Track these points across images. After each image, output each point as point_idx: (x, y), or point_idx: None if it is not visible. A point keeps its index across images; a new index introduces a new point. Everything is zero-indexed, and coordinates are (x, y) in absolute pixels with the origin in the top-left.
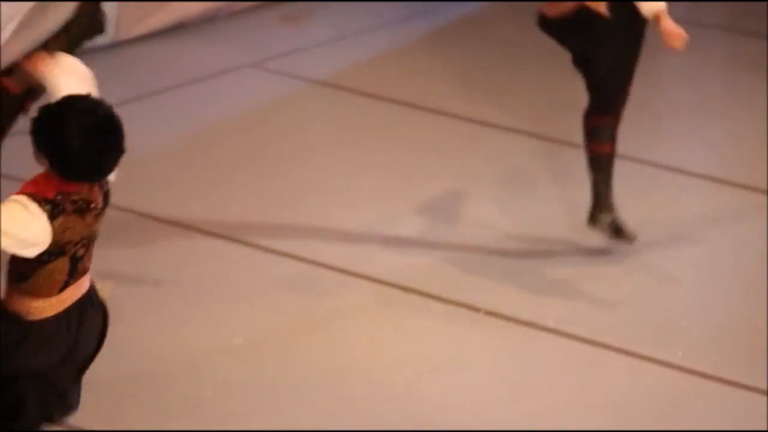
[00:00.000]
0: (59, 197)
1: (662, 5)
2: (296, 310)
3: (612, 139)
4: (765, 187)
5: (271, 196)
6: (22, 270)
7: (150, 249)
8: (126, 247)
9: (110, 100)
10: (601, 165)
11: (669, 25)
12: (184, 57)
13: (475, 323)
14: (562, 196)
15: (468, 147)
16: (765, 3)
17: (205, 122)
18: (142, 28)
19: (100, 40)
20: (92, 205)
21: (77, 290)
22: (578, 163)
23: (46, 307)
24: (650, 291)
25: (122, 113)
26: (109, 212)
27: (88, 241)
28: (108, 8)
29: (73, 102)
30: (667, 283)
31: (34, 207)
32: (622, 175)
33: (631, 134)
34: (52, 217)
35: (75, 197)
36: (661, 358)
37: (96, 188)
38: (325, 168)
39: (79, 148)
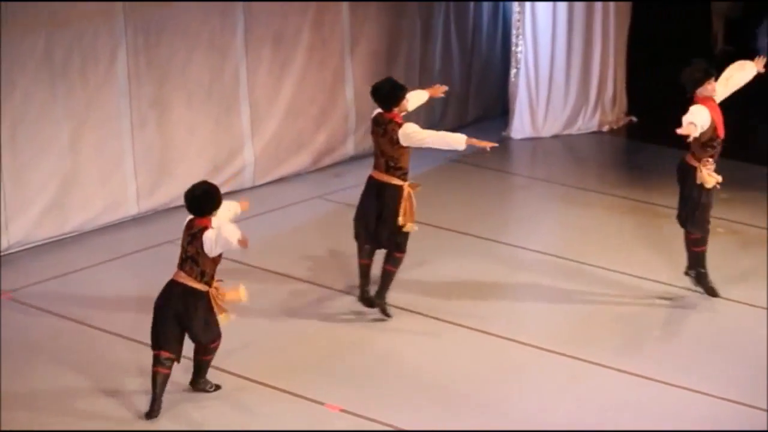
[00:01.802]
0: (187, 224)
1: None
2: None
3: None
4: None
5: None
6: None
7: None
8: None
9: (248, 214)
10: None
11: None
12: (287, 191)
13: (455, 333)
14: (516, 263)
15: (451, 243)
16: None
17: (295, 223)
18: (267, 178)
19: (244, 184)
20: (191, 228)
21: (183, 276)
22: (502, 254)
23: (175, 273)
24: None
25: (258, 221)
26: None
27: (190, 252)
28: (248, 168)
29: (194, 184)
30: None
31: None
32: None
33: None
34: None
35: (190, 225)
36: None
37: (199, 223)
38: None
39: (187, 200)
